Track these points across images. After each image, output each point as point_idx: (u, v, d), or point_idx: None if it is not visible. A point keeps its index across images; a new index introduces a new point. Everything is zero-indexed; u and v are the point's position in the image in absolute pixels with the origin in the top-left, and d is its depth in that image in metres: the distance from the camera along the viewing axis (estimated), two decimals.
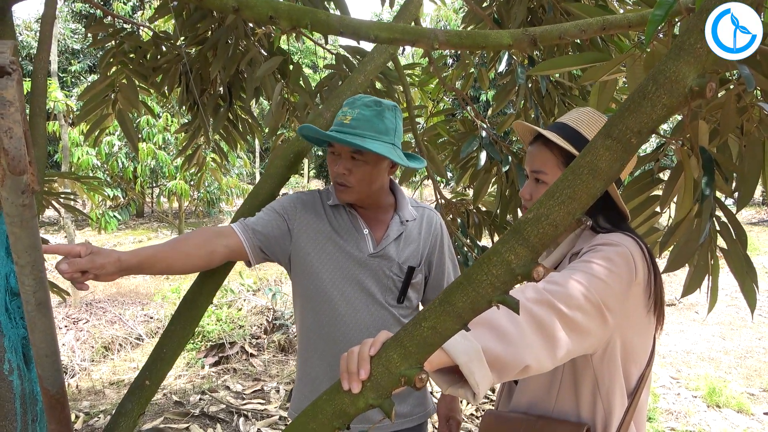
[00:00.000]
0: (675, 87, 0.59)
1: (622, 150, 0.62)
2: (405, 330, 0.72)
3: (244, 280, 5.37)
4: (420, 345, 0.71)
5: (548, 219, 0.65)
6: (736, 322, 5.29)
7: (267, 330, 4.61)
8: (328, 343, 1.48)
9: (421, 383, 0.71)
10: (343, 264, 1.47)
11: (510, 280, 0.66)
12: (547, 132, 1.12)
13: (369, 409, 0.74)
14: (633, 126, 0.61)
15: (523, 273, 0.66)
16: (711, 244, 1.40)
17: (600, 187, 0.64)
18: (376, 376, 0.73)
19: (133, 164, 8.77)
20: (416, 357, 0.71)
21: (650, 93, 0.60)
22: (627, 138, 0.61)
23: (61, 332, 4.73)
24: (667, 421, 3.26)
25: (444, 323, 0.70)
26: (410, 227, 1.54)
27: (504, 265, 0.66)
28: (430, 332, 0.70)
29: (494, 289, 0.67)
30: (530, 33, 1.14)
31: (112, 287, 6.68)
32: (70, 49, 14.65)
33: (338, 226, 1.49)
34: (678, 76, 0.59)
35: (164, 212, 10.29)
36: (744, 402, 3.49)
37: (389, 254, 1.48)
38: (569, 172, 0.65)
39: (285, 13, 1.04)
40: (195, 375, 4.01)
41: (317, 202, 1.53)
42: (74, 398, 3.65)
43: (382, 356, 0.73)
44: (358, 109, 1.40)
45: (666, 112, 0.60)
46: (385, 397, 0.73)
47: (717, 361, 4.30)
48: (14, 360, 1.10)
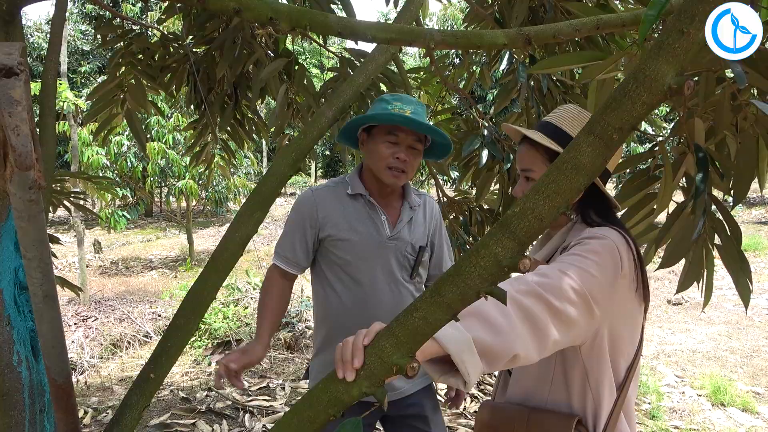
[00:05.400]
0: (654, 85, 0.61)
1: (603, 146, 0.64)
2: (397, 320, 0.75)
3: (251, 278, 5.41)
4: (411, 335, 0.73)
5: (534, 213, 0.67)
6: (743, 321, 5.27)
7: None
8: (356, 322, 1.56)
9: (412, 371, 0.73)
10: (367, 247, 1.63)
11: (497, 272, 0.69)
12: (531, 132, 1.16)
13: (363, 397, 0.76)
14: (614, 123, 0.63)
15: (510, 265, 0.68)
16: (706, 240, 1.42)
17: (583, 181, 0.66)
18: (369, 365, 0.76)
19: (142, 164, 8.85)
20: (408, 346, 0.74)
21: (631, 91, 0.62)
22: (608, 134, 0.64)
23: (70, 329, 4.79)
24: (671, 419, 3.26)
25: (434, 314, 0.72)
26: (417, 212, 1.73)
27: (491, 258, 0.69)
28: (421, 322, 0.73)
29: (482, 280, 0.70)
30: (525, 32, 1.16)
31: (121, 285, 6.75)
32: (80, 50, 14.79)
33: (359, 213, 1.65)
34: (657, 74, 0.61)
35: (172, 211, 10.38)
36: (749, 401, 3.48)
37: (404, 236, 1.67)
38: (554, 168, 0.67)
39: (284, 14, 1.06)
40: (202, 372, 4.05)
41: (335, 193, 1.69)
42: (83, 394, 3.70)
43: (376, 346, 0.76)
44: (413, 106, 1.58)
45: (645, 110, 0.62)
46: (378, 386, 0.75)
47: (723, 360, 4.29)
48: (23, 352, 1.13)
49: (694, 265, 1.53)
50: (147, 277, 7.76)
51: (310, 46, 13.55)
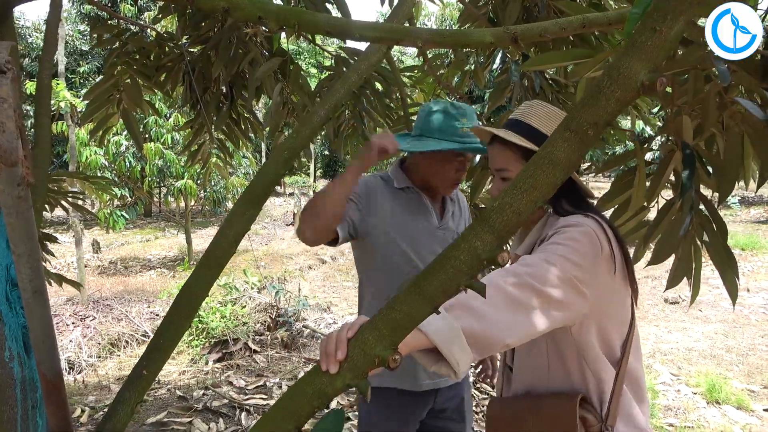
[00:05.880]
0: (627, 82, 0.62)
1: (579, 142, 0.65)
2: (380, 313, 0.76)
3: (248, 277, 5.42)
4: (393, 328, 0.74)
5: (512, 207, 0.68)
6: (740, 319, 5.28)
7: (270, 327, 4.66)
8: None
9: (394, 363, 0.74)
10: (419, 235, 1.73)
11: (477, 265, 0.70)
12: (502, 131, 1.19)
13: (346, 389, 0.78)
14: (589, 119, 0.64)
15: (489, 258, 0.69)
16: (694, 237, 1.43)
17: (560, 176, 0.67)
18: (353, 357, 0.77)
19: (140, 164, 8.85)
20: (390, 339, 0.75)
21: (605, 88, 0.63)
22: (584, 130, 0.65)
23: (68, 329, 4.80)
24: (666, 417, 3.27)
25: (416, 307, 0.74)
26: (455, 204, 1.89)
27: (471, 251, 0.70)
28: (403, 315, 0.74)
29: (462, 273, 0.71)
30: (511, 31, 1.17)
31: (119, 285, 6.76)
32: (79, 50, 14.80)
33: (410, 204, 1.76)
34: (630, 71, 0.62)
35: (171, 211, 10.39)
36: (744, 398, 3.50)
37: (450, 226, 1.81)
38: (531, 163, 0.68)
39: (273, 13, 1.08)
40: (199, 371, 4.06)
41: (385, 185, 1.78)
42: (80, 393, 3.72)
43: (359, 338, 0.77)
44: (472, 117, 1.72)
45: (619, 106, 0.63)
46: (361, 378, 0.77)
47: (719, 359, 4.30)
48: (15, 348, 1.14)
49: (683, 262, 1.54)
50: (145, 276, 7.77)
51: (309, 46, 13.56)
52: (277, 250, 8.84)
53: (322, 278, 7.62)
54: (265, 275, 6.31)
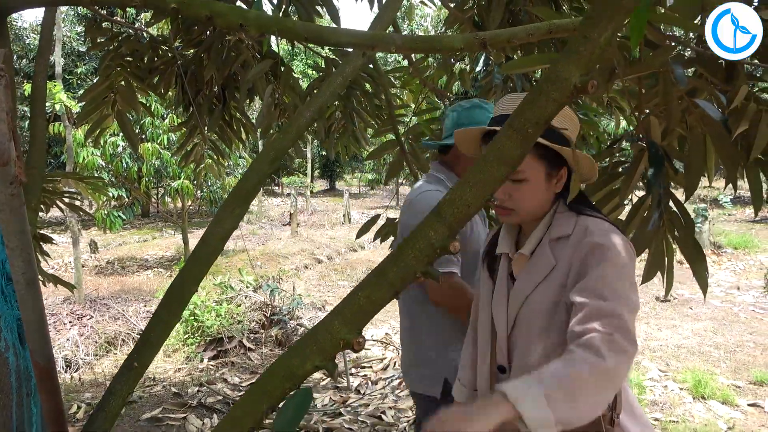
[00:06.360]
0: (563, 84, 0.68)
1: (522, 139, 0.71)
2: (344, 300, 0.82)
3: (244, 276, 5.47)
4: (357, 313, 0.81)
5: (462, 200, 0.75)
6: (729, 317, 5.35)
7: (265, 325, 4.72)
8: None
9: (358, 346, 0.81)
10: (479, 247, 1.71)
11: (431, 253, 0.76)
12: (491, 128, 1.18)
13: (315, 370, 0.84)
14: (531, 118, 0.71)
15: (441, 246, 0.76)
16: (666, 232, 1.49)
17: (506, 171, 0.73)
18: (321, 341, 0.83)
19: (137, 164, 8.90)
20: (354, 323, 0.81)
21: (544, 89, 0.70)
22: (525, 128, 0.71)
23: (65, 328, 4.86)
24: (652, 412, 3.33)
25: (378, 293, 0.80)
26: None
27: (426, 240, 0.76)
28: (365, 301, 0.80)
29: (419, 261, 0.77)
30: (481, 37, 1.23)
31: (116, 285, 6.81)
32: (76, 51, 14.84)
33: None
34: (566, 75, 0.68)
35: (168, 212, 10.42)
36: (730, 394, 3.56)
37: None
38: (481, 160, 0.75)
39: (253, 21, 1.14)
40: (194, 368, 4.12)
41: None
42: (77, 390, 3.77)
43: (326, 323, 0.83)
44: None
45: (556, 106, 0.69)
46: (328, 360, 0.83)
47: (707, 355, 4.37)
48: (10, 338, 1.20)
49: (656, 257, 1.60)
50: (142, 276, 7.82)
51: (305, 48, 13.63)
52: (273, 249, 8.89)
53: (317, 277, 7.68)
54: (261, 275, 6.37)
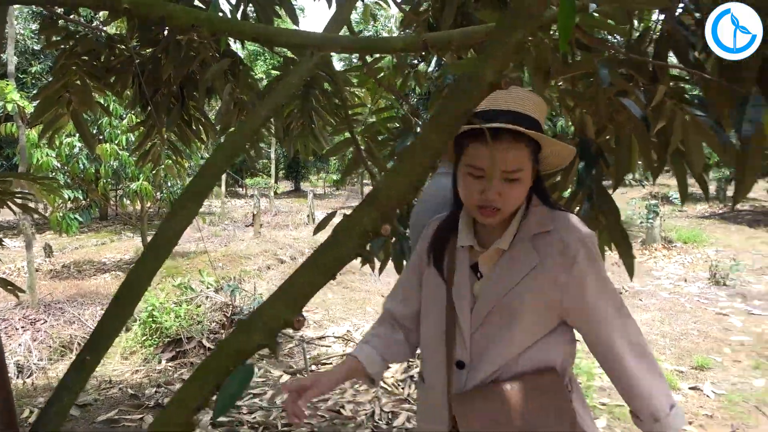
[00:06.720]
0: (480, 81, 0.75)
1: (446, 132, 0.79)
2: (286, 282, 0.88)
3: (204, 278, 5.44)
4: (297, 295, 0.87)
5: (393, 189, 0.81)
6: (676, 307, 5.61)
7: (225, 325, 4.71)
8: None
9: (298, 324, 0.86)
10: None
11: (363, 236, 0.82)
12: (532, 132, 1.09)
13: (260, 348, 0.89)
14: (454, 111, 0.78)
15: (373, 230, 0.82)
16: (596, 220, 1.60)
17: (430, 161, 0.81)
18: (266, 320, 0.88)
19: (94, 166, 8.69)
20: (295, 304, 0.87)
21: (464, 86, 0.77)
22: (449, 122, 0.78)
23: (17, 333, 4.74)
24: (600, 397, 3.49)
25: (316, 277, 0.86)
26: None
27: (359, 225, 0.82)
28: (305, 284, 0.86)
29: (354, 245, 0.83)
30: (423, 38, 1.31)
31: (72, 289, 6.66)
32: (30, 50, 14.38)
33: None
34: (482, 73, 0.75)
35: (128, 214, 10.18)
36: (673, 378, 3.76)
37: None
38: (409, 150, 0.82)
39: (205, 21, 1.18)
40: (152, 370, 4.08)
41: None
42: (29, 395, 3.69)
43: (270, 304, 0.89)
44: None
45: (474, 102, 0.76)
46: (271, 338, 0.89)
47: (653, 344, 4.58)
48: None
49: None
50: (99, 279, 7.66)
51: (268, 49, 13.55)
52: (236, 251, 8.82)
53: (280, 278, 7.66)
54: (223, 276, 6.33)
